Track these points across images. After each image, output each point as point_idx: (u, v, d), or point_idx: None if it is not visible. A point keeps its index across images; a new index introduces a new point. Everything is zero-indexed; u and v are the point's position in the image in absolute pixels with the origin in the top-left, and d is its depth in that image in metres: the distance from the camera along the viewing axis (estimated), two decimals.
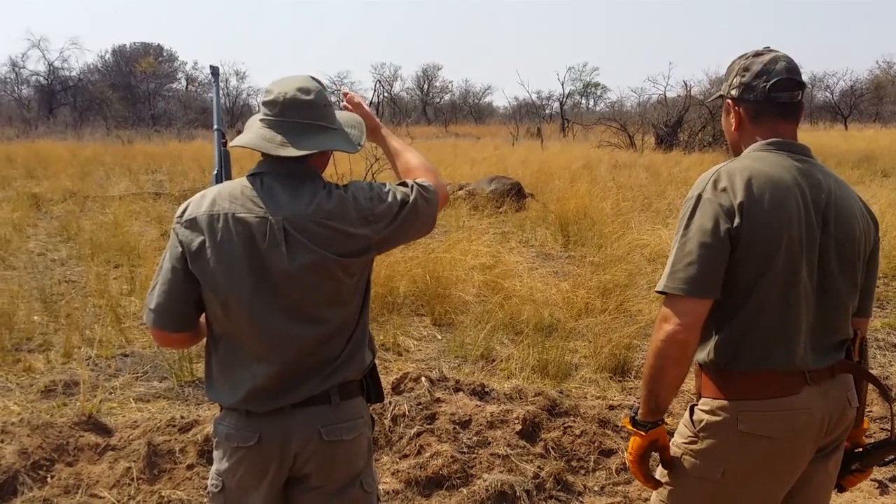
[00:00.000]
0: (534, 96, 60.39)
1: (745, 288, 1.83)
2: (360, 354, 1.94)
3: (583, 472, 3.61)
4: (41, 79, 47.92)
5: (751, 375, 1.86)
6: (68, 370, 4.77)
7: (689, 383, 2.04)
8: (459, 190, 12.40)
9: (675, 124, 25.37)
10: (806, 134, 31.82)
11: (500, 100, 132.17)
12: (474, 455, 3.57)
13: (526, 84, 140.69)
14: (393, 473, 3.43)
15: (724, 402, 1.87)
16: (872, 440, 2.18)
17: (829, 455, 1.98)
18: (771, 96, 1.92)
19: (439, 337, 5.70)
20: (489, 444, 3.65)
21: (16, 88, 49.35)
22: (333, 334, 1.88)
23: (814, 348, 1.88)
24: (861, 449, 2.13)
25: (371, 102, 40.84)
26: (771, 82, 1.91)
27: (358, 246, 1.85)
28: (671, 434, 2.03)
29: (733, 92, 1.98)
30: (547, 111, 57.96)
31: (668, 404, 1.91)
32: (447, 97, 70.14)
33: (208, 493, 2.00)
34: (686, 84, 29.47)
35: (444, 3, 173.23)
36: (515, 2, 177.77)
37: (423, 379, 4.08)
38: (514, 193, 11.75)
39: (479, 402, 3.96)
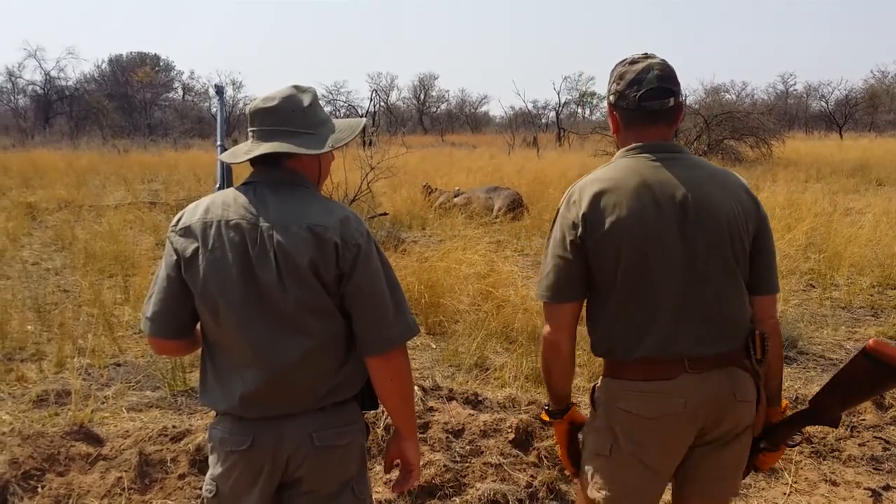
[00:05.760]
0: (530, 106, 60.68)
1: (605, 288, 1.98)
2: (355, 380, 1.95)
3: (576, 481, 3.60)
4: (37, 88, 48.00)
5: (629, 361, 1.98)
6: (61, 379, 4.75)
7: None
8: (455, 198, 12.40)
9: None
10: (801, 143, 31.97)
11: (497, 109, 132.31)
12: (467, 464, 3.57)
13: (522, 93, 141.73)
14: (385, 482, 3.41)
15: (610, 381, 2.04)
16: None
17: (723, 447, 2.05)
18: (641, 105, 1.99)
19: (433, 346, 5.69)
20: (482, 452, 3.64)
21: (12, 98, 49.37)
22: (322, 348, 1.86)
23: (696, 337, 1.95)
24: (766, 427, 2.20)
25: (367, 111, 40.82)
26: (641, 92, 1.98)
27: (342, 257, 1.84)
28: None
29: (611, 97, 2.06)
30: (543, 120, 58.19)
31: (567, 391, 2.16)
32: (443, 106, 70.37)
33: (203, 498, 2.01)
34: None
35: (442, 13, 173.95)
36: (512, 12, 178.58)
37: (416, 388, 4.07)
38: (511, 202, 11.76)
39: (472, 411, 3.96)
